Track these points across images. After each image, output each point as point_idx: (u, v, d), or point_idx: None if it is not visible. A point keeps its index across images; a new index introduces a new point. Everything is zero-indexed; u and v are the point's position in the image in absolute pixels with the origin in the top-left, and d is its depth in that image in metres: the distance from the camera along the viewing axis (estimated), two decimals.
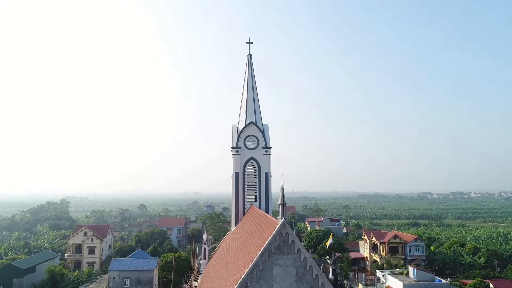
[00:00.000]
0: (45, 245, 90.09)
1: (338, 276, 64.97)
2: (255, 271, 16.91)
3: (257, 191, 42.34)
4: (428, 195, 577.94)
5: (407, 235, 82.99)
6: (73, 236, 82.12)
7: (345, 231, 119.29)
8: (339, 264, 72.87)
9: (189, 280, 37.83)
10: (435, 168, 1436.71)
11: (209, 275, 32.45)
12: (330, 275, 64.40)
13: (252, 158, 42.64)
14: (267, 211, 41.06)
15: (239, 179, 42.07)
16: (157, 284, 55.63)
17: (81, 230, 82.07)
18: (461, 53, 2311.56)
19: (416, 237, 79.63)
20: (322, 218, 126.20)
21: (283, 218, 17.68)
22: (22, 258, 64.89)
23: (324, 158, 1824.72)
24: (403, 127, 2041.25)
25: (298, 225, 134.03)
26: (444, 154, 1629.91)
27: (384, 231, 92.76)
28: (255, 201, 42.17)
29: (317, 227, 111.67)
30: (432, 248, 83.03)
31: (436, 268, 77.31)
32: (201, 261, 42.06)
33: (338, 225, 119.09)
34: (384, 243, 77.97)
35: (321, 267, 67.05)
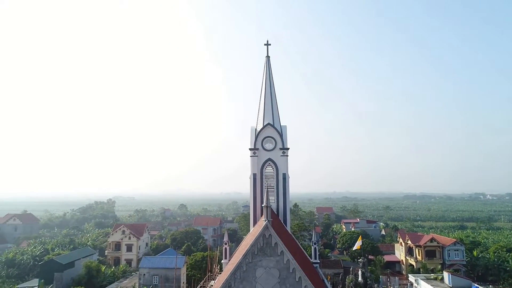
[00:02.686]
0: (89, 242, 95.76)
1: (368, 280, 63.27)
2: (239, 272, 17.24)
3: (275, 192, 42.33)
4: (481, 196, 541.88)
5: (446, 239, 78.83)
6: (112, 234, 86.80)
7: (383, 233, 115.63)
8: (370, 267, 70.87)
9: (203, 280, 38.72)
10: (490, 167, 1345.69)
11: (222, 275, 33.14)
12: (360, 278, 63.07)
13: (269, 159, 42.61)
14: (284, 212, 41.12)
15: (257, 180, 42.25)
16: (185, 281, 57.38)
17: (120, 229, 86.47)
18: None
19: (456, 241, 75.35)
20: (358, 220, 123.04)
21: (267, 220, 17.81)
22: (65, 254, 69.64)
23: (367, 158, 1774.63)
24: (457, 124, 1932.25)
25: (334, 226, 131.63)
26: (500, 152, 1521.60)
27: (420, 233, 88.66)
28: (274, 202, 42.21)
29: (352, 229, 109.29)
30: (474, 252, 78.22)
31: (479, 274, 72.87)
32: (222, 261, 42.88)
33: (375, 227, 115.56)
34: (420, 246, 74.67)
35: (351, 269, 65.78)
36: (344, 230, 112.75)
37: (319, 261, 42.93)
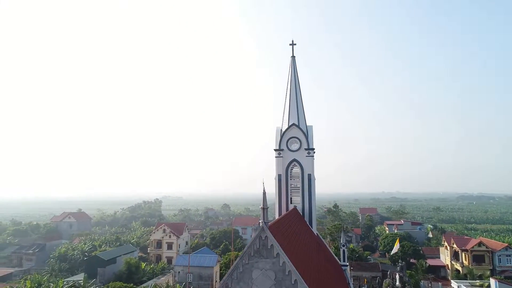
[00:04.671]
0: (133, 239, 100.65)
1: (406, 284, 60.52)
2: (235, 273, 17.38)
3: (301, 193, 42.00)
4: None
5: (497, 243, 73.35)
6: (154, 232, 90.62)
7: (431, 235, 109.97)
8: (410, 271, 67.79)
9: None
10: None
11: None
12: (397, 283, 60.53)
13: (294, 160, 42.36)
14: (310, 212, 40.76)
15: (282, 181, 42.18)
16: (218, 280, 58.50)
17: (161, 227, 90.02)
18: None
19: (507, 245, 69.93)
20: (402, 221, 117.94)
21: (263, 222, 17.79)
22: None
23: (418, 157, 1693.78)
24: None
25: (377, 228, 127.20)
26: None
27: (467, 237, 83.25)
28: (299, 203, 41.91)
29: (395, 231, 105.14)
30: None
31: None
32: None
33: (420, 229, 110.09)
34: (466, 250, 70.14)
35: (388, 273, 63.34)
36: (387, 232, 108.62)
37: (347, 264, 41.94)
